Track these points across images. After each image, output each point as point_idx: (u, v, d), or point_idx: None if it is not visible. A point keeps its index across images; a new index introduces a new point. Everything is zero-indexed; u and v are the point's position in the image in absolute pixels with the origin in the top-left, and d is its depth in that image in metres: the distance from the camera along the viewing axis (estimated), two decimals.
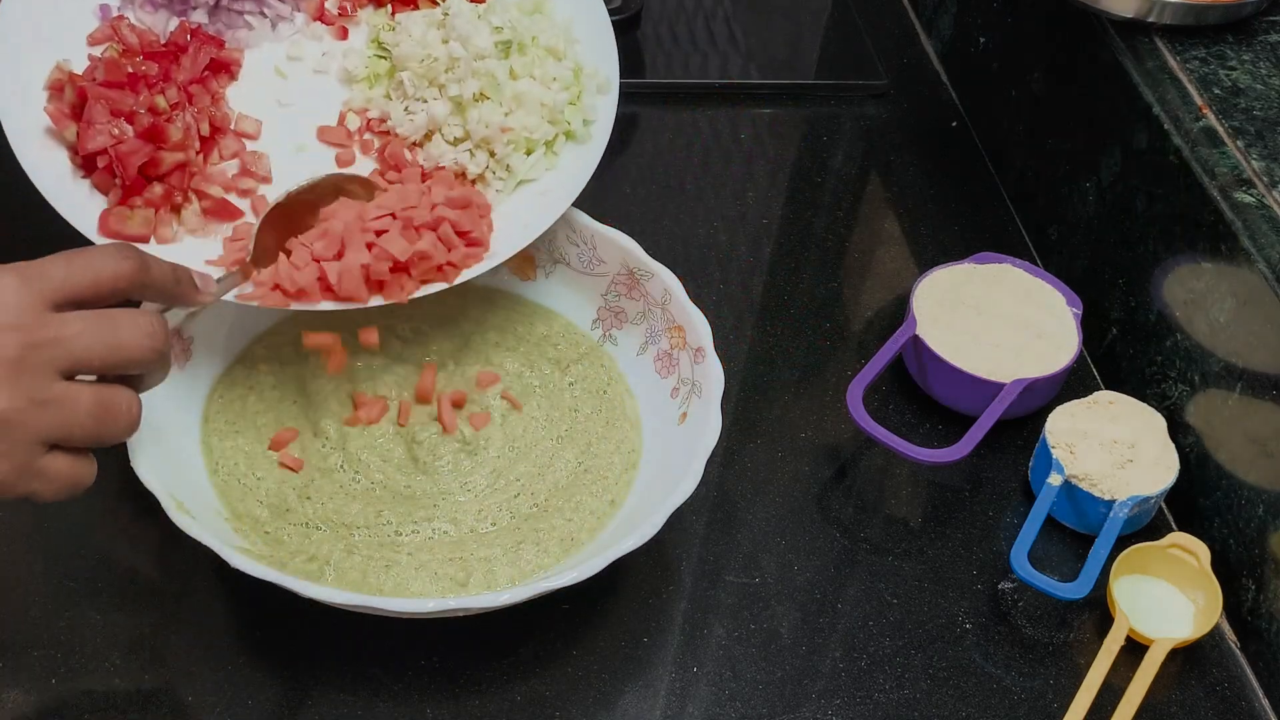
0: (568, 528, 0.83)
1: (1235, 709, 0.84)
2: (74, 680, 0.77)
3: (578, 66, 0.93)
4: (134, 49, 0.86)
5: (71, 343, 0.63)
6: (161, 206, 0.83)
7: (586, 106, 0.93)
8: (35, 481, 0.64)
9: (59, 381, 0.63)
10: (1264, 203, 0.89)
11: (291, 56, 0.94)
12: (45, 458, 0.64)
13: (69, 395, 0.63)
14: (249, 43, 0.93)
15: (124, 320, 0.65)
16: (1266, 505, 0.86)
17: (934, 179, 1.17)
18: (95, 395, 0.64)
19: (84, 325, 0.63)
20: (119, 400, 0.65)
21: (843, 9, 1.33)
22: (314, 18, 0.95)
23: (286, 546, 0.79)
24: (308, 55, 0.94)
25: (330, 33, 0.96)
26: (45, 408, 0.62)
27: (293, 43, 0.94)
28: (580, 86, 0.93)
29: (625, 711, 0.80)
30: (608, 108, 0.93)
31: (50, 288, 0.63)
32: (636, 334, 0.91)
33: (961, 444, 0.90)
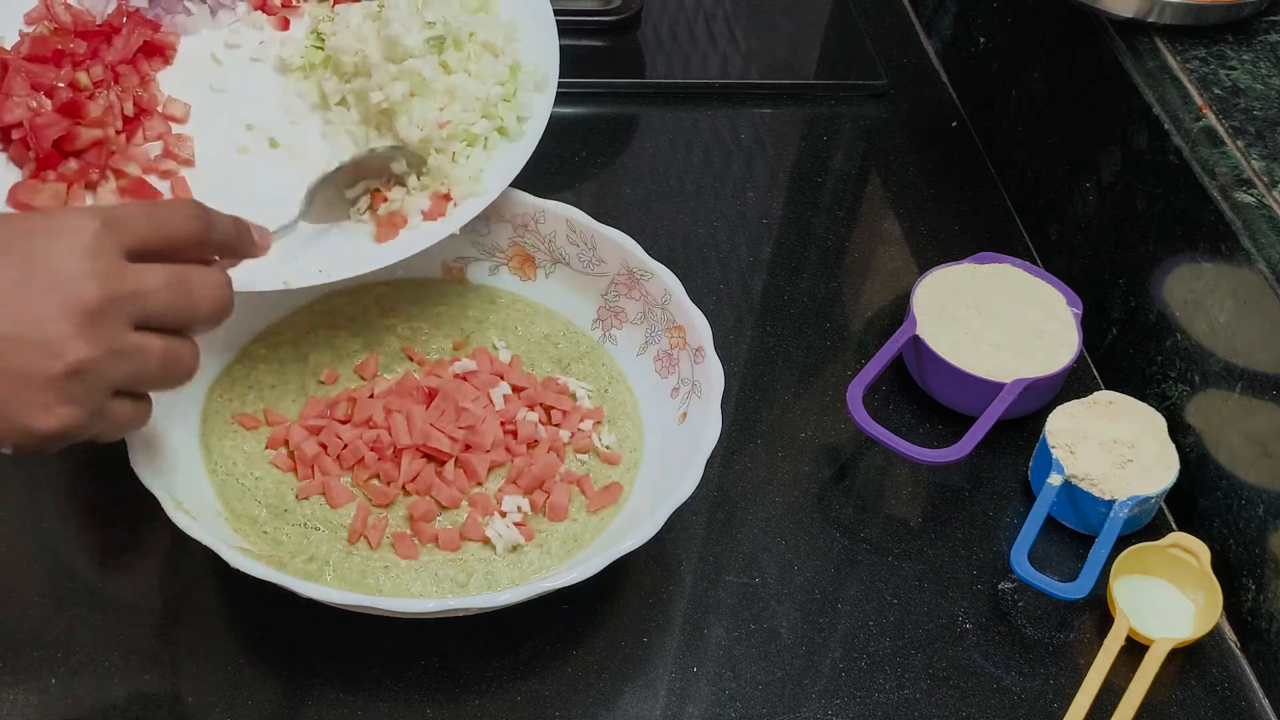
0: (570, 528, 0.83)
1: (1235, 709, 0.84)
2: (74, 680, 0.77)
3: (515, 63, 0.93)
4: (67, 28, 0.87)
5: (150, 298, 0.64)
6: (75, 182, 0.83)
7: (522, 103, 0.92)
8: (102, 423, 0.65)
9: (134, 332, 0.64)
10: (1264, 203, 0.89)
11: (229, 44, 0.94)
12: (112, 402, 0.65)
13: (143, 346, 0.65)
14: (187, 28, 0.93)
15: (197, 278, 0.67)
16: (1266, 505, 0.86)
17: (934, 179, 1.17)
18: (165, 347, 0.66)
19: (163, 281, 0.65)
20: (185, 352, 0.67)
21: (843, 9, 1.32)
22: (255, 6, 0.96)
23: (286, 546, 0.79)
24: (246, 43, 0.95)
25: (271, 23, 0.96)
26: (121, 357, 0.64)
27: (232, 30, 0.95)
28: (516, 83, 0.92)
29: (625, 711, 0.80)
30: (543, 105, 0.92)
31: (129, 237, 0.64)
32: (636, 334, 0.91)
33: (961, 444, 0.90)
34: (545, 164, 0.91)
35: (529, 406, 0.87)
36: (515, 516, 0.82)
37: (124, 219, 0.65)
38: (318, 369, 0.88)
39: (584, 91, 1.20)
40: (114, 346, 0.63)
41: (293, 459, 0.83)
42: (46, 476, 0.87)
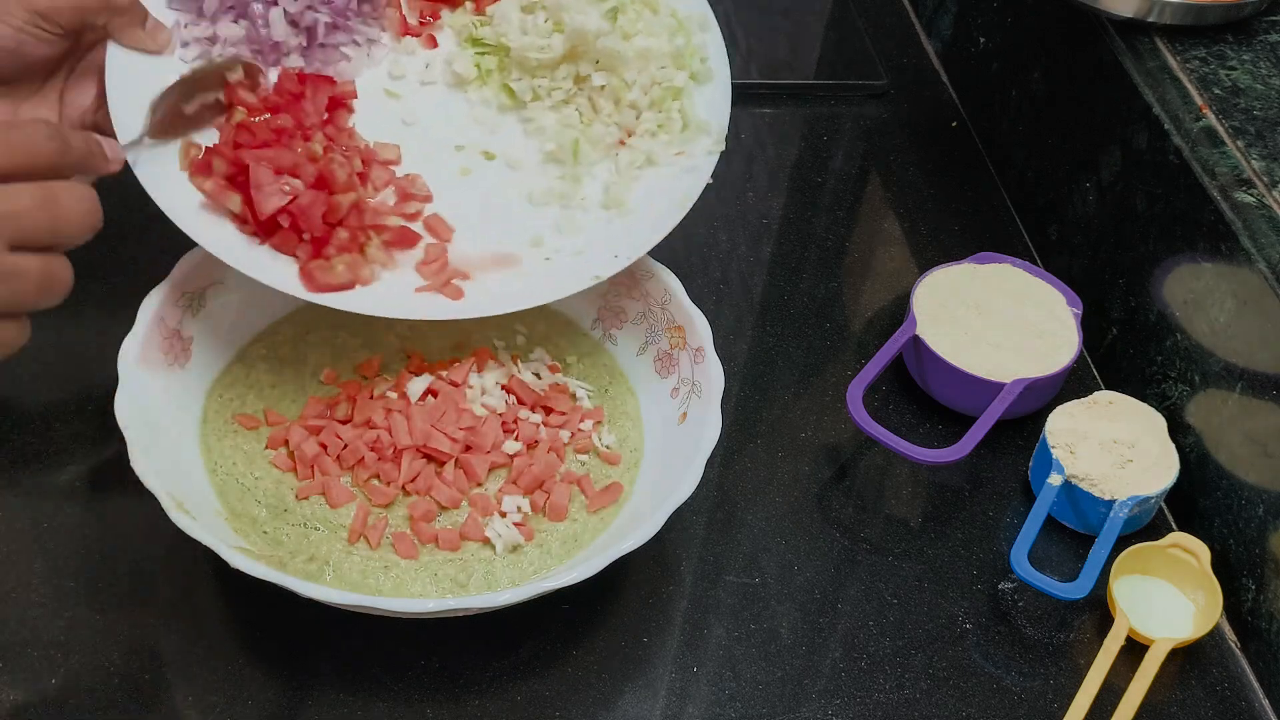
0: (570, 528, 0.83)
1: (1235, 709, 0.84)
2: (74, 680, 0.77)
3: (674, 11, 0.93)
4: (256, 107, 0.85)
5: (21, 217, 0.65)
6: (351, 250, 0.82)
7: (697, 46, 0.93)
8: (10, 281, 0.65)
9: (8, 254, 0.65)
10: (1264, 203, 0.89)
11: (394, 75, 0.92)
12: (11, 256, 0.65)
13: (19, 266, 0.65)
14: (351, 73, 0.91)
15: (64, 194, 0.67)
16: (1266, 505, 0.86)
17: (934, 179, 1.17)
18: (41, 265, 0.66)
19: (30, 199, 0.65)
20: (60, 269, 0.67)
21: (843, 9, 1.33)
22: (400, 34, 0.93)
23: (286, 546, 0.79)
24: (409, 71, 0.93)
25: (421, 43, 0.94)
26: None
27: (391, 63, 0.93)
28: (687, 30, 0.93)
29: (625, 711, 0.80)
30: (716, 42, 0.93)
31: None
32: (636, 334, 0.91)
33: (961, 444, 0.90)
34: None
35: (529, 407, 0.87)
36: (515, 517, 0.82)
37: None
38: (318, 369, 0.88)
39: None
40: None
41: (293, 459, 0.83)
42: (46, 477, 0.87)
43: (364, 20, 0.91)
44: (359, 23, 0.91)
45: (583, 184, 0.89)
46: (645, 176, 0.90)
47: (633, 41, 0.90)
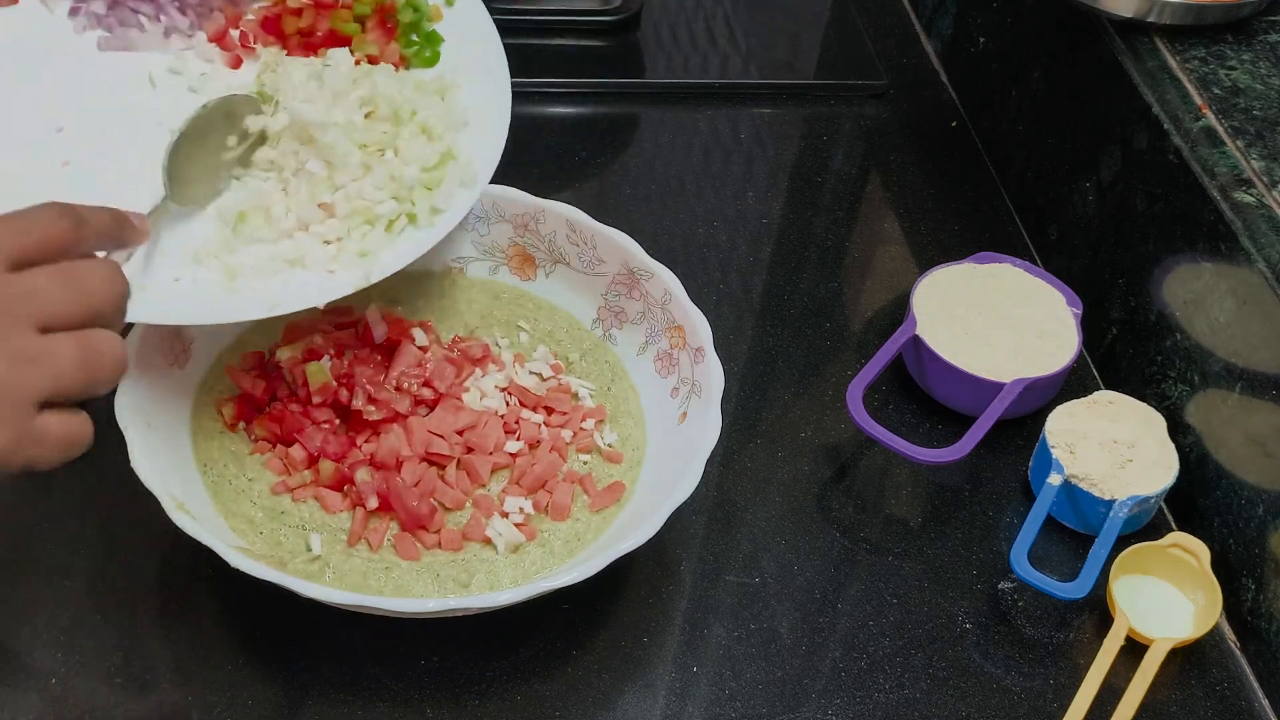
0: (573, 527, 0.83)
1: (1235, 709, 0.84)
2: (74, 680, 0.77)
3: (449, 151, 0.88)
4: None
5: (42, 295, 0.62)
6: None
7: (441, 194, 0.86)
8: (33, 448, 0.62)
9: (37, 336, 0.62)
10: (1264, 203, 0.89)
11: (172, 69, 0.90)
12: (39, 419, 0.62)
13: (52, 348, 0.62)
14: (136, 44, 0.89)
15: (85, 270, 0.64)
16: (1266, 505, 0.86)
17: (934, 179, 1.17)
18: (77, 342, 0.63)
19: (49, 279, 0.63)
20: (101, 343, 0.64)
21: (843, 9, 1.33)
22: (212, 39, 0.91)
23: (285, 546, 0.79)
24: (188, 72, 0.90)
25: (223, 58, 0.91)
26: (31, 364, 0.61)
27: (178, 56, 0.90)
28: (443, 173, 0.87)
29: (625, 711, 0.80)
30: (462, 204, 0.87)
31: (3, 253, 0.62)
32: (636, 334, 0.91)
33: (961, 444, 0.90)
34: (545, 164, 0.91)
35: (531, 408, 0.87)
36: (517, 517, 0.82)
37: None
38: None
39: (584, 91, 1.20)
40: (18, 353, 0.60)
41: (283, 462, 0.83)
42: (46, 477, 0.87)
43: (179, 6, 0.90)
44: (172, 5, 0.90)
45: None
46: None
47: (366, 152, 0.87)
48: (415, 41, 0.92)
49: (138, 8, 0.89)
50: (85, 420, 0.65)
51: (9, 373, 0.60)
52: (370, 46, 0.90)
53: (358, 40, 0.90)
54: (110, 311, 0.65)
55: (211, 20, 0.91)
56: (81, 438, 0.64)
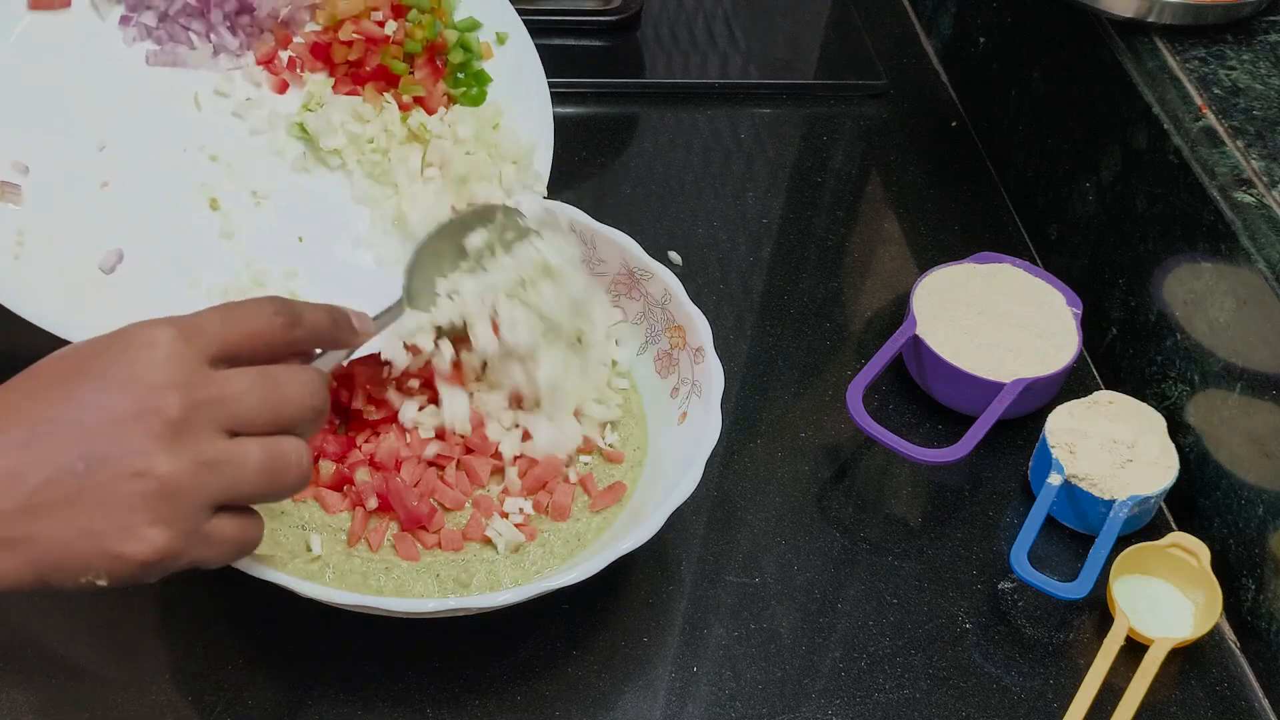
0: (573, 528, 0.83)
1: (1235, 709, 0.84)
2: (74, 680, 0.77)
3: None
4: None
5: (236, 402, 0.61)
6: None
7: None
8: (202, 547, 0.61)
9: (224, 439, 0.61)
10: (1264, 203, 0.89)
11: (219, 91, 0.90)
12: (212, 521, 0.61)
13: (236, 453, 0.61)
14: (185, 62, 0.89)
15: (285, 378, 0.63)
16: (1266, 505, 0.86)
17: (934, 179, 1.17)
18: (263, 450, 0.62)
19: (247, 384, 0.61)
20: (288, 452, 0.63)
21: (843, 9, 1.33)
22: (260, 61, 0.91)
23: (285, 546, 0.79)
24: (235, 95, 0.90)
25: (269, 82, 0.91)
26: (212, 469, 0.60)
27: (226, 77, 0.90)
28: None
29: (625, 711, 0.80)
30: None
31: (207, 343, 0.61)
32: (636, 334, 0.91)
33: (961, 444, 0.90)
34: None
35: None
36: (517, 518, 0.82)
37: (200, 324, 0.62)
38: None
39: (584, 91, 1.20)
40: (203, 458, 0.60)
41: None
42: None
43: (230, 26, 0.89)
44: (222, 24, 0.89)
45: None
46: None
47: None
48: (463, 81, 0.92)
49: (189, 24, 0.89)
50: (258, 522, 0.65)
51: (189, 477, 0.59)
52: (417, 88, 0.89)
53: (405, 81, 0.89)
54: (303, 424, 0.64)
55: (261, 41, 0.90)
56: (253, 540, 0.64)
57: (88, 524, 0.58)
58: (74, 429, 0.59)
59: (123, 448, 0.58)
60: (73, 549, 0.59)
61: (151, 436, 0.58)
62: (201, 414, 0.60)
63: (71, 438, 0.58)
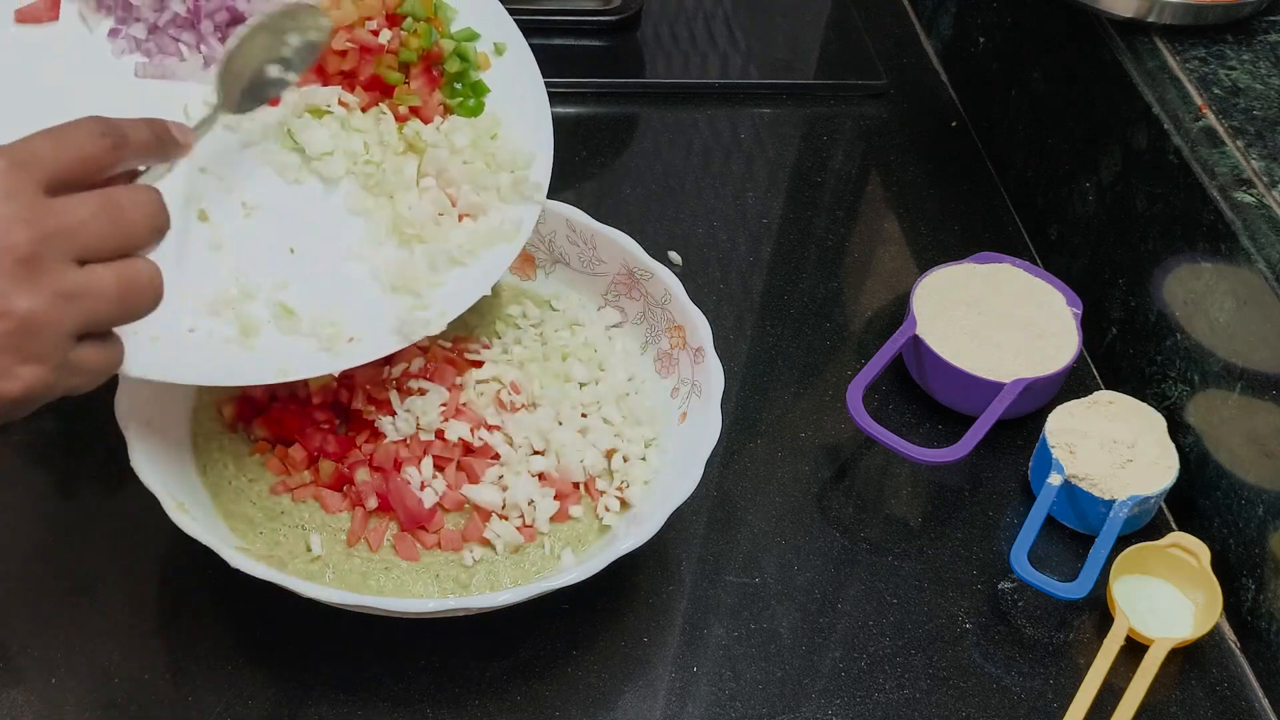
0: (576, 527, 0.83)
1: (1235, 709, 0.84)
2: (74, 680, 0.77)
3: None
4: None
5: (82, 230, 0.60)
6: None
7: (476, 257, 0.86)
8: (71, 377, 0.61)
9: (76, 269, 0.60)
10: (1264, 203, 0.89)
11: (208, 103, 0.86)
12: (75, 350, 0.61)
13: (92, 281, 0.61)
14: (175, 74, 0.87)
15: (126, 200, 0.62)
16: (1266, 505, 0.86)
17: (934, 179, 1.17)
18: (116, 275, 0.62)
19: (90, 210, 0.61)
20: (140, 273, 0.63)
21: (843, 9, 1.33)
22: None
23: (285, 546, 0.79)
24: None
25: None
26: (71, 300, 0.60)
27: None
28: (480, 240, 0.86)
29: (625, 711, 0.80)
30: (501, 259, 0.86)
31: (42, 172, 0.60)
32: (636, 334, 0.91)
33: (961, 444, 0.90)
34: None
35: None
36: (516, 520, 0.82)
37: (31, 150, 0.61)
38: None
39: (584, 91, 1.20)
40: (59, 289, 0.59)
41: (283, 462, 0.83)
42: (46, 477, 0.87)
43: (221, 37, 0.87)
44: (213, 35, 0.87)
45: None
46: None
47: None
48: (460, 91, 0.90)
49: (178, 36, 0.87)
50: (117, 344, 0.64)
51: (49, 309, 0.59)
52: (412, 98, 0.88)
53: (400, 91, 0.88)
54: (148, 242, 0.64)
55: None
56: (116, 363, 0.64)
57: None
58: None
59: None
60: None
61: (5, 275, 0.58)
62: (50, 246, 0.59)
63: None
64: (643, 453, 0.85)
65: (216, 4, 0.86)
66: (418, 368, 0.85)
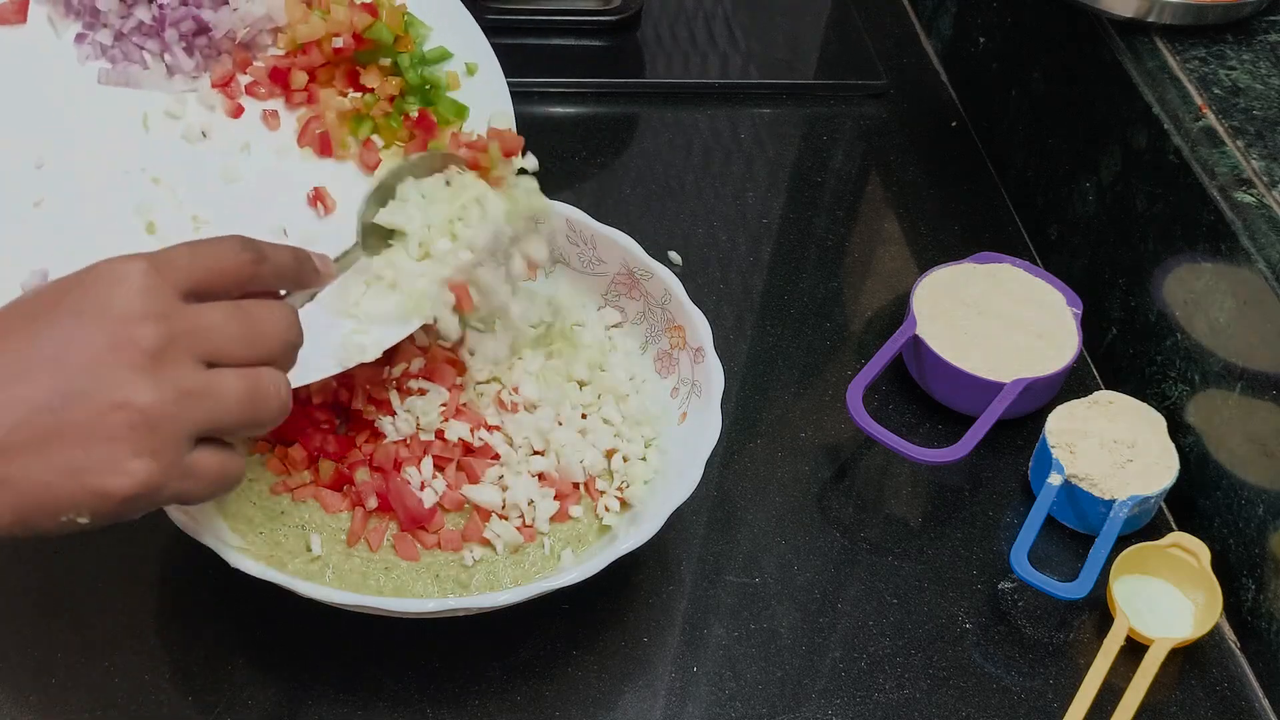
0: (576, 527, 0.83)
1: (1235, 709, 0.84)
2: (73, 680, 0.77)
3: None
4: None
5: (212, 333, 0.61)
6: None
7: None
8: (185, 480, 0.60)
9: (202, 370, 0.60)
10: (1264, 202, 0.89)
11: (169, 112, 0.87)
12: (193, 453, 0.60)
13: (216, 383, 0.60)
14: (137, 82, 0.86)
15: (259, 311, 0.63)
16: (1266, 505, 0.86)
17: (934, 179, 1.17)
18: (242, 380, 0.61)
19: (223, 316, 0.61)
20: (267, 383, 0.63)
21: (843, 9, 1.32)
22: (216, 84, 0.87)
23: (285, 546, 0.79)
24: (187, 117, 0.86)
25: (225, 105, 0.87)
26: (193, 399, 0.59)
27: (177, 99, 0.87)
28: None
29: (625, 711, 0.80)
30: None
31: (178, 277, 0.61)
32: (636, 334, 0.91)
33: (961, 444, 0.90)
34: (545, 164, 0.91)
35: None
36: (516, 520, 0.82)
37: (170, 259, 0.61)
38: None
39: (584, 91, 1.20)
40: (182, 388, 0.59)
41: (283, 462, 0.83)
42: None
43: (186, 46, 0.87)
44: (178, 44, 0.86)
45: None
46: None
47: None
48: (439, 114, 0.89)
49: (143, 43, 0.86)
50: (239, 457, 0.64)
51: (170, 406, 0.59)
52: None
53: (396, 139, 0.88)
54: (280, 356, 0.64)
55: (218, 64, 0.88)
56: (234, 475, 0.63)
57: (67, 461, 0.57)
58: (48, 366, 0.58)
59: (100, 381, 0.57)
60: (53, 488, 0.58)
61: (130, 367, 0.58)
62: (179, 345, 0.59)
63: (46, 375, 0.58)
64: (643, 453, 0.85)
65: (182, 13, 0.86)
66: (418, 368, 0.85)
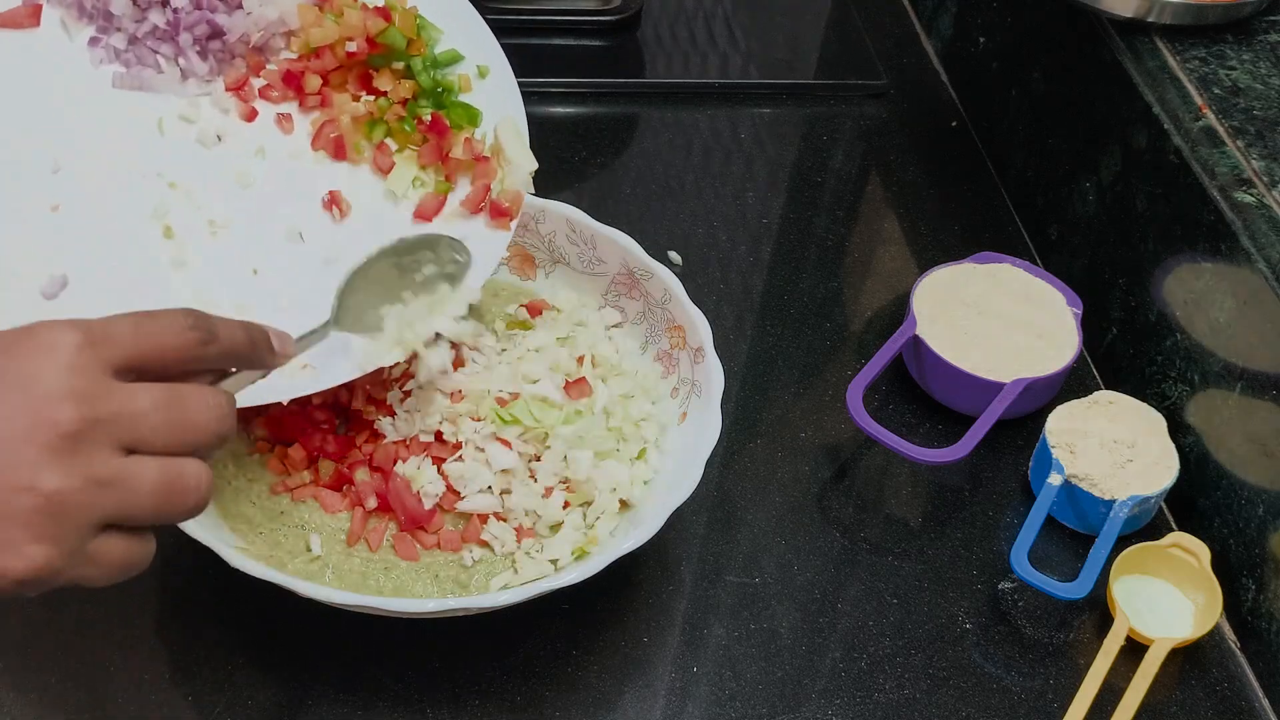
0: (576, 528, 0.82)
1: (1235, 709, 0.84)
2: (73, 680, 0.77)
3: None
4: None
5: (136, 420, 0.57)
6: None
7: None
8: (84, 567, 0.57)
9: (119, 457, 0.57)
10: (1264, 202, 0.89)
11: (184, 116, 0.87)
12: (97, 540, 0.57)
13: (131, 473, 0.57)
14: (152, 85, 0.86)
15: (192, 400, 0.59)
16: (1266, 505, 0.86)
17: (934, 179, 1.17)
18: (161, 471, 0.58)
19: (150, 402, 0.58)
20: (188, 476, 0.59)
21: (843, 9, 1.33)
22: (230, 87, 0.87)
23: (285, 547, 0.79)
24: (201, 121, 0.86)
25: (238, 109, 0.87)
26: (104, 488, 0.56)
27: (191, 103, 0.86)
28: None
29: (625, 711, 0.80)
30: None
31: (114, 352, 0.58)
32: (636, 334, 0.91)
33: (961, 444, 0.90)
34: (545, 164, 0.91)
35: None
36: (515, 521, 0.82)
37: (108, 331, 0.58)
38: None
39: (584, 91, 1.20)
40: (93, 475, 0.56)
41: (283, 463, 0.83)
42: None
43: (200, 50, 0.87)
44: (192, 48, 0.86)
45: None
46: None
47: None
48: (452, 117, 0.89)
49: (157, 47, 0.86)
50: (147, 543, 0.60)
51: (78, 495, 0.56)
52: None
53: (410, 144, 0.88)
54: (207, 446, 0.61)
55: (232, 68, 0.88)
56: (139, 563, 0.60)
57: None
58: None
59: (11, 459, 0.55)
60: None
61: (43, 448, 0.55)
62: (98, 430, 0.56)
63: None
64: (643, 453, 0.85)
65: (196, 17, 0.85)
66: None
